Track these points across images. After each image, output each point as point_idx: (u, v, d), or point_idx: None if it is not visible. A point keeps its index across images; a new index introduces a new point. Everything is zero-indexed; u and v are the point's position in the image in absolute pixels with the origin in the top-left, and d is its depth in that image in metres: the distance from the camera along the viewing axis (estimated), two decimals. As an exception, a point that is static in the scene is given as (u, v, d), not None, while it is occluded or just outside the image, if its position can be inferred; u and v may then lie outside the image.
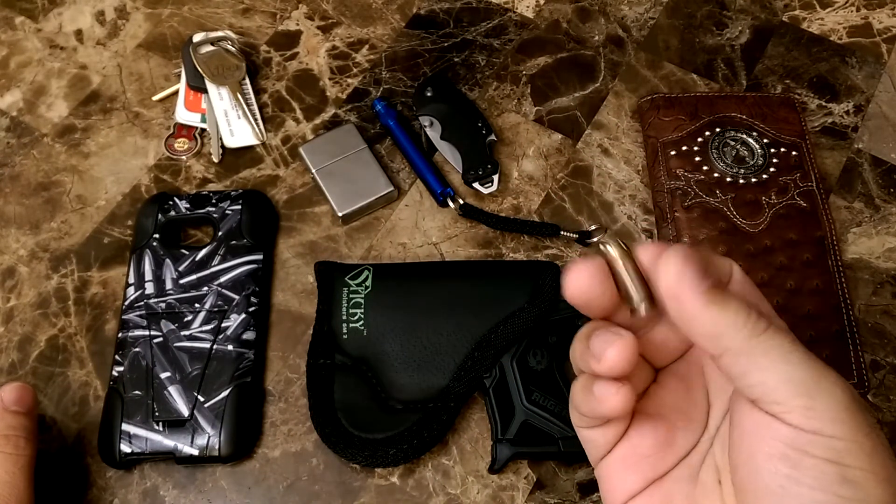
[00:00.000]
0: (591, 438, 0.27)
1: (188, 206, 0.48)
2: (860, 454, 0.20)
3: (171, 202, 0.48)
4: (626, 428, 0.26)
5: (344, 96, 0.54)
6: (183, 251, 0.46)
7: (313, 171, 0.49)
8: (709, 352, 0.23)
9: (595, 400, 0.24)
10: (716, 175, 0.48)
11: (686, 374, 0.27)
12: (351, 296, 0.44)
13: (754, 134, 0.50)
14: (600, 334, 0.24)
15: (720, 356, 0.22)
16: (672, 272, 0.22)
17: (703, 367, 0.27)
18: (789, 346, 0.22)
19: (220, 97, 0.52)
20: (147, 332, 0.43)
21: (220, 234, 0.47)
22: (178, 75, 0.54)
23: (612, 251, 0.23)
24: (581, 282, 0.23)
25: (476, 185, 0.49)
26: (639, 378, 0.27)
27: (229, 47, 0.54)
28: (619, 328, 0.24)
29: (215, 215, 0.47)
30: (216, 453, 0.40)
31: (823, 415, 0.21)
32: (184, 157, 0.52)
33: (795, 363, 0.21)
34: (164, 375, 0.42)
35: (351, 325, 0.43)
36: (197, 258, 0.46)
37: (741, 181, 0.48)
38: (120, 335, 0.43)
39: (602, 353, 0.23)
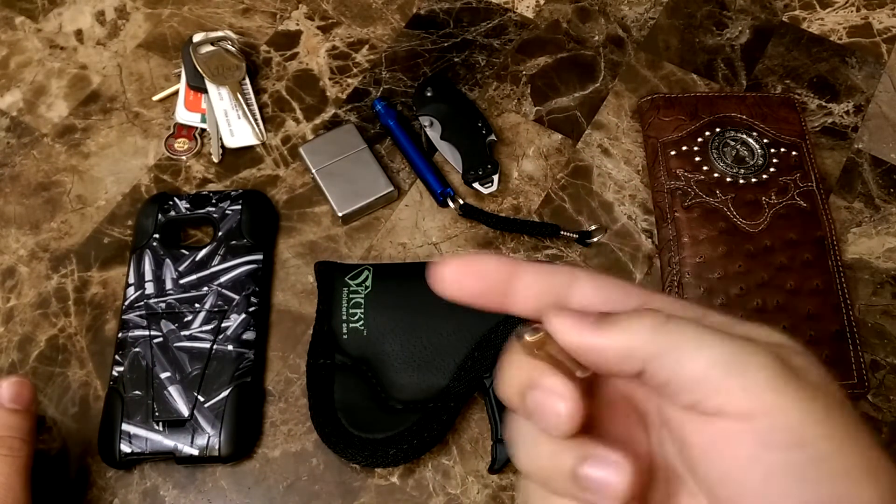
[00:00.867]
0: None
1: (188, 206, 0.48)
2: (815, 421, 0.19)
3: (171, 202, 0.48)
4: None
5: (344, 96, 0.54)
6: (183, 251, 0.46)
7: (313, 171, 0.49)
8: (635, 374, 0.22)
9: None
10: (716, 175, 0.48)
11: (611, 398, 0.25)
12: (351, 296, 0.44)
13: (754, 134, 0.50)
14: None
15: (641, 371, 0.21)
16: (560, 337, 0.22)
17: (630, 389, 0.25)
18: (696, 329, 0.21)
19: (220, 97, 0.52)
20: (147, 332, 0.43)
21: (220, 234, 0.47)
22: (178, 75, 0.54)
23: (531, 339, 0.23)
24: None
25: (476, 185, 0.49)
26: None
27: (229, 47, 0.54)
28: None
29: (215, 215, 0.47)
30: (216, 453, 0.40)
31: (762, 387, 0.19)
32: (184, 157, 0.52)
33: (710, 345, 0.20)
34: (164, 375, 0.42)
35: (351, 325, 0.43)
36: (197, 258, 0.46)
37: (741, 181, 0.48)
38: (120, 335, 0.43)
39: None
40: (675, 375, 0.21)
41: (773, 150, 0.49)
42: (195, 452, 0.40)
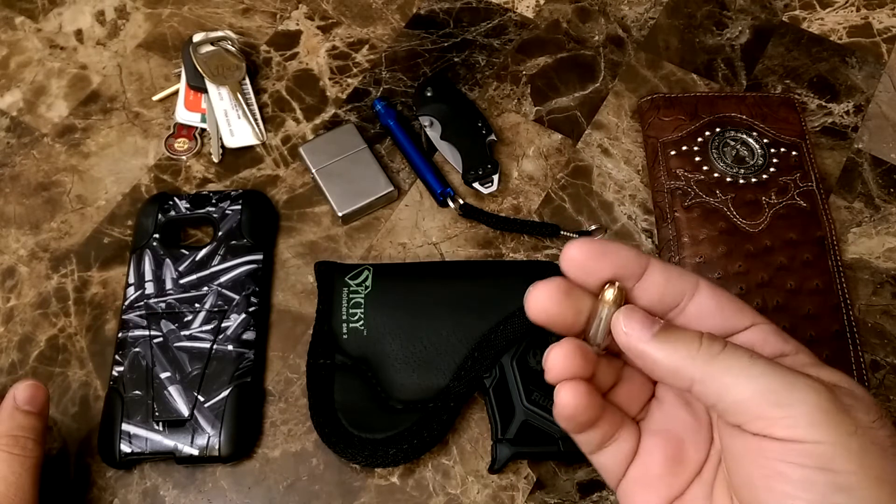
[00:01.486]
0: (600, 463, 0.27)
1: (188, 206, 0.48)
2: (848, 456, 0.20)
3: (171, 202, 0.48)
4: (633, 450, 0.26)
5: (344, 96, 0.54)
6: (183, 251, 0.46)
7: (313, 171, 0.49)
8: (679, 388, 0.24)
9: (555, 405, 0.25)
10: (716, 175, 0.48)
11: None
12: (351, 296, 0.44)
13: (754, 134, 0.50)
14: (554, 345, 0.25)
15: (689, 389, 0.23)
16: (619, 331, 0.24)
17: None
18: (748, 360, 0.22)
19: (220, 97, 0.52)
20: (147, 332, 0.43)
21: (220, 234, 0.47)
22: (178, 75, 0.54)
23: (608, 295, 0.25)
24: (539, 302, 0.25)
25: (476, 185, 0.49)
26: (629, 390, 0.27)
27: (229, 47, 0.54)
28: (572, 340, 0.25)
29: (215, 215, 0.47)
30: (216, 453, 0.40)
31: (801, 421, 0.21)
32: (184, 157, 0.52)
33: (759, 375, 0.22)
34: (164, 375, 0.42)
35: (351, 325, 0.43)
36: (197, 258, 0.46)
37: (741, 181, 0.48)
38: (120, 335, 0.43)
39: (546, 357, 0.25)
40: (722, 400, 0.22)
41: (773, 150, 0.49)
42: (195, 452, 0.40)
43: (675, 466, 0.26)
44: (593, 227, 0.49)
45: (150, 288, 0.45)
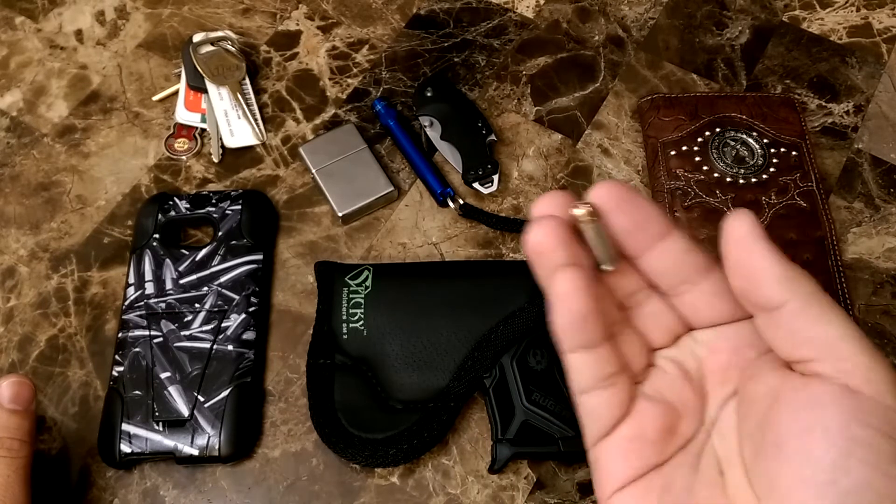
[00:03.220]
0: (592, 406, 0.25)
1: (188, 206, 0.48)
2: None
3: (171, 202, 0.48)
4: (627, 406, 0.25)
5: (344, 96, 0.54)
6: (183, 251, 0.46)
7: (313, 171, 0.49)
8: (761, 307, 0.22)
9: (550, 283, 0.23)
10: (716, 175, 0.48)
11: (682, 361, 0.27)
12: (351, 296, 0.44)
13: (754, 134, 0.50)
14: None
15: (782, 306, 0.22)
16: (741, 227, 0.23)
17: (700, 356, 0.26)
18: (840, 310, 0.22)
19: (220, 97, 0.52)
20: (147, 332, 0.43)
21: (220, 234, 0.47)
22: (178, 75, 0.54)
23: (579, 212, 0.23)
24: (540, 238, 0.23)
25: (476, 185, 0.49)
26: (631, 346, 0.26)
27: (229, 47, 0.54)
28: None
29: (215, 215, 0.47)
30: (216, 453, 0.40)
31: (884, 381, 0.20)
32: (184, 157, 0.52)
33: (851, 326, 0.21)
34: (164, 375, 0.42)
35: (351, 325, 0.43)
36: (197, 258, 0.46)
37: (741, 181, 0.48)
38: (120, 335, 0.43)
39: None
40: (804, 330, 0.21)
41: (773, 150, 0.49)
42: (195, 452, 0.40)
43: (667, 434, 0.25)
44: (593, 227, 0.49)
45: (150, 288, 0.45)
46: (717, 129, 0.50)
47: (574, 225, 0.24)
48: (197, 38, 0.54)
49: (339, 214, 0.48)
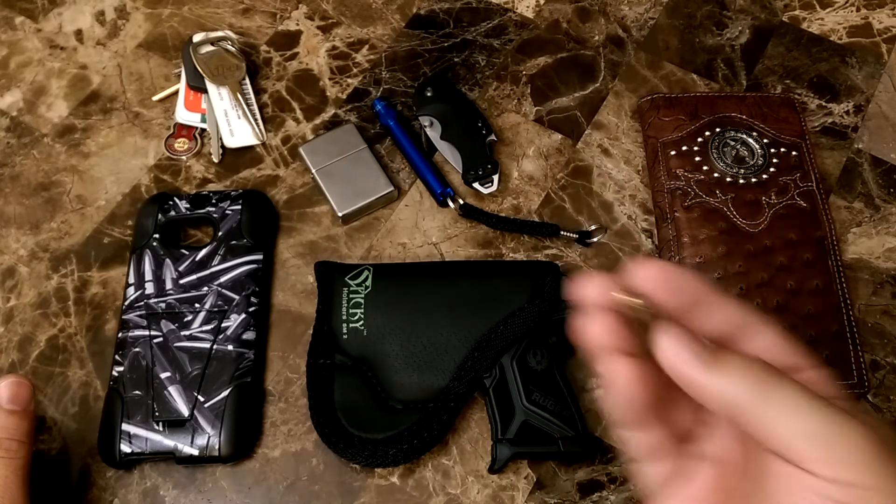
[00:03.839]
0: (645, 475, 0.26)
1: (188, 206, 0.48)
2: (888, 502, 0.20)
3: (171, 202, 0.48)
4: (682, 471, 0.26)
5: (344, 96, 0.54)
6: (183, 251, 0.46)
7: (313, 171, 0.49)
8: (722, 416, 0.23)
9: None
10: (716, 175, 0.48)
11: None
12: (351, 296, 0.44)
13: (754, 134, 0.50)
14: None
15: (735, 418, 0.22)
16: (667, 352, 0.23)
17: None
18: (801, 397, 0.22)
19: (220, 97, 0.52)
20: (147, 332, 0.43)
21: (220, 234, 0.47)
22: (178, 75, 0.54)
23: (620, 297, 0.24)
24: (598, 331, 0.24)
25: (476, 185, 0.49)
26: (681, 410, 0.26)
27: (229, 47, 0.54)
28: None
29: (215, 215, 0.47)
30: (216, 453, 0.40)
31: (843, 462, 0.20)
32: (184, 157, 0.52)
33: (808, 415, 0.21)
34: (164, 375, 0.42)
35: (351, 325, 0.43)
36: (197, 258, 0.46)
37: (741, 181, 0.48)
38: (120, 335, 0.43)
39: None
40: (765, 432, 0.22)
41: (773, 150, 0.49)
42: (195, 452, 0.40)
43: (719, 494, 0.25)
44: (593, 227, 0.49)
45: (150, 288, 0.45)
46: (717, 129, 0.50)
47: (622, 307, 0.24)
48: (197, 38, 0.54)
49: (339, 214, 0.48)
